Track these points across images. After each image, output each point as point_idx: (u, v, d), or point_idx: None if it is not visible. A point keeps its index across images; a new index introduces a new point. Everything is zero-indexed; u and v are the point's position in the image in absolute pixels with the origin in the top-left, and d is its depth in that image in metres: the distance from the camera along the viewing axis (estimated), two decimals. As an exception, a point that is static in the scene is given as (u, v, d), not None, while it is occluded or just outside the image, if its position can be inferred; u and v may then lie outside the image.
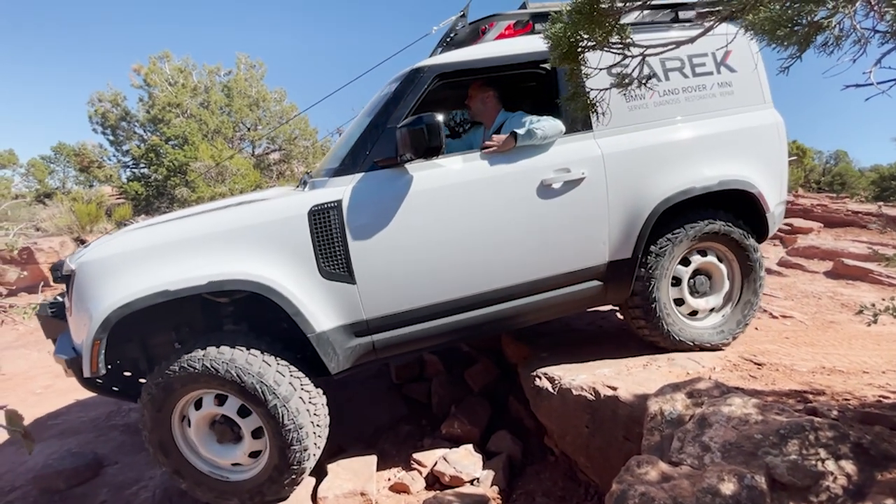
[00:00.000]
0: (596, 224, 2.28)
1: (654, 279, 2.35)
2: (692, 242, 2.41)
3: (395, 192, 2.06)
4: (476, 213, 2.13)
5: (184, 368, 1.89)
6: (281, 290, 1.91)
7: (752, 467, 1.36)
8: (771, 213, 2.52)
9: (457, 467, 2.40)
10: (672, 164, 2.34)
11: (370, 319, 2.08)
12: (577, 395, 2.23)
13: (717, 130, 2.43)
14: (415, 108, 2.14)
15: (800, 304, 4.03)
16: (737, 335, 2.57)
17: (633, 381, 2.19)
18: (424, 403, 3.20)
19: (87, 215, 8.00)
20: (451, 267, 2.12)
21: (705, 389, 1.77)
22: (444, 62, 2.20)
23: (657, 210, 2.29)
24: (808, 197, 10.61)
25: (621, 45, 1.09)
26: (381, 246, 2.03)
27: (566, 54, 1.13)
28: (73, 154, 14.09)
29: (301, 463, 1.99)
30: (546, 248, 2.23)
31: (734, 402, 1.60)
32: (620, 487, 1.40)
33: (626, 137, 2.33)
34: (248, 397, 1.91)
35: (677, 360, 2.40)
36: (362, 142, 2.12)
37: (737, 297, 2.57)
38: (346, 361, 2.09)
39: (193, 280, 1.84)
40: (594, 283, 2.34)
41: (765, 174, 2.50)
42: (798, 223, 7.73)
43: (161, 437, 2.01)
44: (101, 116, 11.77)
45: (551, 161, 2.22)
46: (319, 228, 1.98)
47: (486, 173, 2.16)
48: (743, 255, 2.50)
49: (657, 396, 1.82)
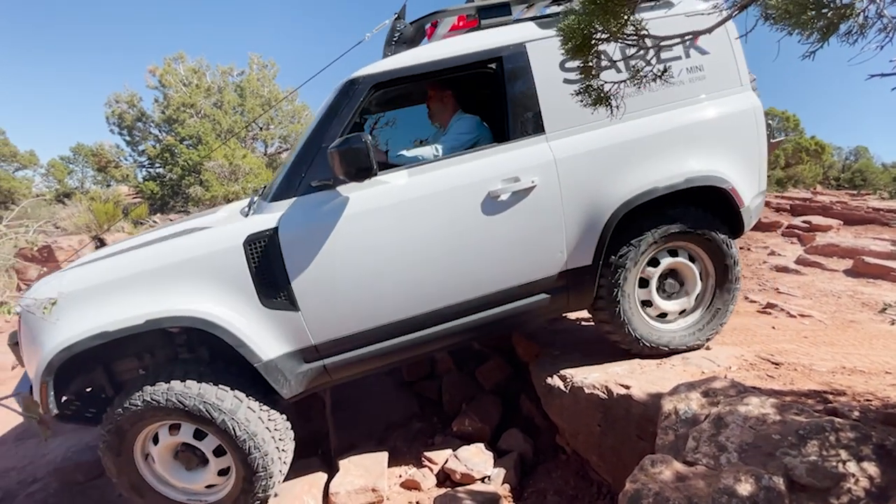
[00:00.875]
0: (551, 233, 2.14)
1: (619, 285, 2.22)
2: (659, 244, 2.26)
3: (332, 215, 1.96)
4: (419, 232, 2.03)
5: (127, 408, 1.88)
6: (221, 324, 1.87)
7: (770, 468, 1.33)
8: (746, 208, 2.33)
9: (468, 465, 2.39)
10: (633, 164, 2.17)
11: (319, 344, 2.03)
12: (589, 394, 2.20)
13: (684, 122, 2.22)
14: (351, 122, 2.05)
15: (818, 303, 3.94)
16: (712, 336, 2.45)
17: (646, 380, 2.16)
18: (435, 401, 3.20)
19: (105, 214, 8.17)
20: (397, 287, 2.04)
21: (721, 389, 1.74)
22: (379, 71, 2.06)
23: (617, 214, 2.14)
24: (827, 194, 10.39)
25: (636, 36, 1.06)
26: (321, 272, 1.96)
27: (580, 46, 1.11)
28: (91, 154, 14.39)
29: (267, 468, 2.00)
30: (498, 262, 2.11)
31: (751, 402, 1.57)
32: (634, 487, 1.38)
33: (581, 138, 2.15)
34: (196, 419, 1.91)
35: (692, 359, 2.36)
36: (298, 163, 2.03)
37: (710, 298, 2.41)
38: (299, 386, 2.06)
39: (132, 320, 1.82)
40: (553, 293, 2.22)
41: (739, 165, 2.30)
42: (817, 220, 7.57)
43: (131, 480, 2.02)
44: (117, 117, 12.00)
45: (499, 171, 2.07)
46: (256, 258, 1.93)
47: (429, 189, 2.04)
48: (716, 253, 2.33)
49: (671, 395, 1.79)
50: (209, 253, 1.92)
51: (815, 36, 0.90)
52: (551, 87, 2.14)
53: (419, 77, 2.11)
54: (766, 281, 4.85)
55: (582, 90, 1.34)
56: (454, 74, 2.16)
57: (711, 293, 2.42)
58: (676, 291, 2.41)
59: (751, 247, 6.61)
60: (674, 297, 2.42)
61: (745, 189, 2.32)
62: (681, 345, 2.39)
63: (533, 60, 2.13)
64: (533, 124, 2.13)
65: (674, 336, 2.39)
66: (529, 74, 2.12)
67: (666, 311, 2.40)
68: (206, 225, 2.13)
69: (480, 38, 2.15)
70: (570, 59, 1.23)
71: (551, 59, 2.13)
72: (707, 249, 2.34)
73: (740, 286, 2.43)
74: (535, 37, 2.15)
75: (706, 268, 2.41)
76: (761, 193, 2.48)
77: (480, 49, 2.11)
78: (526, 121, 2.13)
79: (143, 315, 1.83)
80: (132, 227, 8.53)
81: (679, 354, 2.41)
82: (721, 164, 2.26)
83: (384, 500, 2.29)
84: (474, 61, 2.12)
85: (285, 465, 2.13)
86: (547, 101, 2.13)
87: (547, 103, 2.13)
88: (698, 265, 2.39)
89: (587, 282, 2.23)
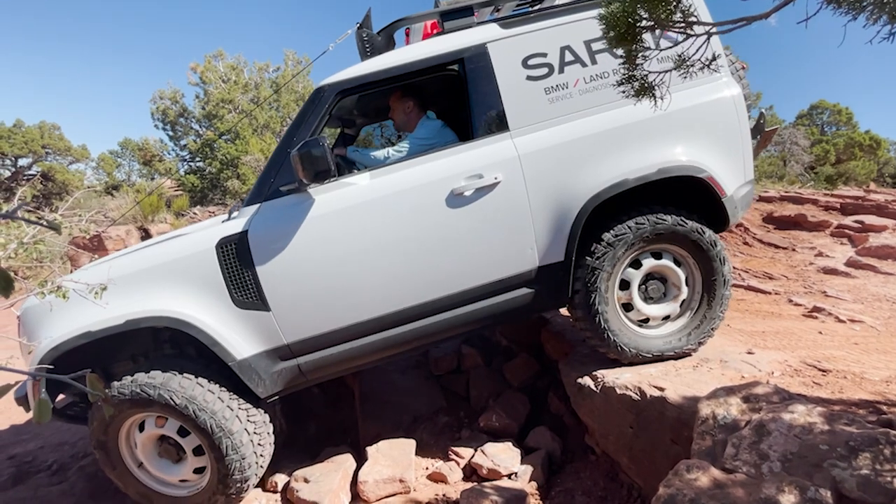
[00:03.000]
0: (519, 229, 2.13)
1: (596, 289, 2.17)
2: (637, 245, 2.19)
3: (297, 217, 2.04)
4: (383, 231, 2.07)
5: (115, 396, 2.00)
6: (195, 323, 1.98)
7: (816, 480, 1.26)
8: (730, 198, 2.24)
9: (495, 460, 2.39)
10: (601, 157, 2.15)
11: (291, 343, 2.09)
12: (621, 394, 2.15)
13: (654, 113, 2.18)
14: (319, 128, 2.12)
15: (871, 308, 3.70)
16: (704, 340, 2.34)
17: (681, 383, 2.09)
18: (462, 396, 3.20)
19: (150, 206, 8.56)
20: (365, 286, 2.08)
21: (763, 395, 1.67)
22: (343, 79, 2.13)
23: (587, 208, 2.11)
24: (882, 192, 9.73)
25: (684, 23, 1.01)
26: (289, 272, 2.04)
27: (623, 35, 1.07)
28: (137, 149, 15.10)
29: (244, 471, 2.08)
30: (467, 259, 2.12)
31: (797, 410, 1.49)
32: (668, 492, 1.34)
33: (546, 133, 2.15)
34: (173, 412, 2.00)
35: (731, 363, 2.27)
36: (269, 168, 2.12)
37: (698, 301, 2.31)
38: (274, 385, 2.13)
39: (113, 320, 1.95)
40: (527, 290, 2.20)
41: (719, 154, 2.23)
42: (870, 220, 7.10)
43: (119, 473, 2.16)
44: (161, 113, 12.53)
45: (463, 168, 2.10)
46: (227, 260, 2.03)
47: (391, 189, 2.09)
48: (700, 253, 2.24)
49: (709, 399, 1.72)
50: (185, 256, 2.05)
51: (883, 19, 0.83)
52: (514, 85, 2.16)
53: (383, 82, 2.17)
54: (813, 283, 4.60)
55: (624, 80, 1.29)
56: (417, 78, 2.21)
57: (699, 297, 2.32)
58: (661, 296, 2.32)
59: (796, 247, 6.29)
60: (658, 302, 2.33)
61: (727, 178, 2.24)
62: (667, 350, 2.29)
63: (495, 60, 2.16)
64: (496, 122, 2.16)
65: (658, 342, 2.30)
66: (491, 74, 2.15)
67: (649, 315, 2.31)
68: (190, 231, 2.27)
69: (441, 42, 2.19)
70: (611, 48, 1.18)
71: (513, 58, 2.16)
72: (690, 250, 2.25)
73: (729, 289, 2.31)
74: (496, 37, 2.17)
75: (692, 271, 2.31)
76: (748, 183, 2.38)
77: (441, 52, 2.15)
78: (489, 119, 2.16)
79: (124, 315, 1.96)
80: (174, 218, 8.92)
81: (717, 356, 2.32)
82: (697, 154, 2.20)
83: (411, 490, 2.31)
84: (436, 64, 2.16)
85: (261, 466, 2.21)
86: (510, 98, 2.16)
87: (510, 101, 2.16)
88: (684, 269, 2.30)
89: (561, 279, 2.21)
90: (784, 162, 13.25)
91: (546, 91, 2.16)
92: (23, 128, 13.07)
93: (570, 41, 2.18)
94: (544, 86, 2.17)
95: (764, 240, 6.67)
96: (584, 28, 2.18)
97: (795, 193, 8.24)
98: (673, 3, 0.93)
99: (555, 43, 2.17)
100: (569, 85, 2.17)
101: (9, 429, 3.35)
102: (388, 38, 2.39)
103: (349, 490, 2.34)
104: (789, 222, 7.29)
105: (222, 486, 2.10)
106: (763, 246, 6.52)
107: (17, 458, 2.90)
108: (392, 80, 2.18)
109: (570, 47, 2.18)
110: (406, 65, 2.14)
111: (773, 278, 4.99)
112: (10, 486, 2.63)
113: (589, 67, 2.19)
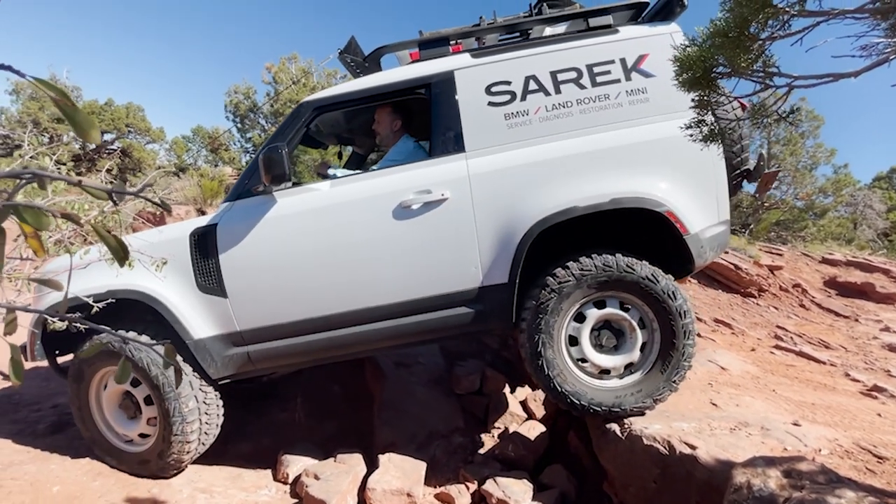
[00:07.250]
0: (463, 246, 2.20)
1: (542, 339, 2.14)
2: (585, 294, 2.14)
3: (260, 216, 2.24)
4: (335, 236, 2.21)
5: (90, 348, 2.24)
6: (160, 299, 2.21)
7: (861, 577, 1.14)
8: (694, 236, 2.13)
9: (506, 491, 2.32)
10: (553, 183, 2.17)
11: (244, 331, 2.26)
12: (647, 445, 2.05)
13: (616, 143, 2.18)
14: (295, 139, 2.34)
15: (942, 397, 3.34)
16: (661, 398, 2.17)
17: (715, 444, 1.96)
18: (480, 419, 3.15)
19: (210, 190, 9.09)
20: (314, 286, 2.22)
21: (808, 472, 1.54)
22: (320, 97, 2.34)
23: (532, 232, 2.13)
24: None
25: (762, 73, 0.98)
26: (246, 264, 2.23)
27: (699, 79, 1.05)
28: (207, 136, 16.13)
29: (185, 432, 2.24)
30: (411, 270, 2.20)
31: (845, 496, 1.37)
32: (690, 558, 1.26)
33: (500, 157, 2.22)
34: (136, 369, 2.21)
35: (773, 432, 2.11)
36: (247, 171, 2.33)
37: (656, 353, 2.18)
38: (225, 369, 2.30)
39: (95, 289, 2.18)
40: (471, 308, 2.23)
41: (686, 191, 2.16)
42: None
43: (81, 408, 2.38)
44: (233, 106, 13.37)
45: (414, 183, 2.21)
46: (197, 248, 2.27)
47: (346, 197, 2.23)
48: (656, 303, 2.12)
49: (746, 467, 1.61)
50: (166, 241, 2.29)
51: None
52: (475, 110, 2.27)
53: (356, 101, 2.36)
54: (875, 360, 4.23)
55: (694, 124, 1.26)
56: (387, 100, 2.41)
57: (657, 347, 2.18)
58: (614, 347, 2.22)
59: (859, 318, 5.81)
60: (613, 352, 2.23)
61: (694, 216, 2.16)
62: (620, 406, 2.16)
63: (460, 86, 2.29)
64: (454, 143, 2.26)
65: (610, 395, 2.18)
66: (453, 98, 2.28)
67: (605, 367, 2.21)
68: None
69: (413, 68, 2.36)
70: (685, 90, 1.16)
71: (478, 85, 2.29)
72: (644, 298, 2.14)
73: (693, 342, 2.15)
74: (464, 65, 2.31)
75: (646, 318, 2.20)
76: (722, 224, 2.25)
77: (410, 77, 2.32)
78: (447, 139, 2.27)
79: (105, 286, 2.21)
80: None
81: (759, 423, 2.16)
82: (659, 187, 2.15)
83: (417, 507, 2.28)
84: (404, 87, 2.33)
85: (203, 444, 2.38)
86: (469, 121, 2.26)
87: (469, 124, 2.26)
88: (637, 314, 2.19)
89: (504, 301, 2.22)
90: (854, 225, 12.37)
91: (506, 117, 2.24)
92: (112, 106, 14.28)
93: (536, 71, 2.27)
94: (504, 112, 2.26)
95: (823, 304, 6.22)
96: (552, 59, 2.27)
97: (864, 260, 7.65)
98: (755, 52, 0.91)
99: (520, 72, 2.28)
100: (529, 112, 2.24)
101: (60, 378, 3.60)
102: (374, 62, 2.63)
103: (357, 495, 2.34)
104: (854, 290, 6.76)
105: (163, 450, 2.25)
106: (822, 311, 6.08)
107: (59, 408, 3.10)
108: (363, 100, 2.37)
109: (536, 76, 2.26)
110: (377, 87, 2.33)
111: (830, 348, 4.63)
112: (49, 433, 2.81)
113: (552, 96, 2.25)
